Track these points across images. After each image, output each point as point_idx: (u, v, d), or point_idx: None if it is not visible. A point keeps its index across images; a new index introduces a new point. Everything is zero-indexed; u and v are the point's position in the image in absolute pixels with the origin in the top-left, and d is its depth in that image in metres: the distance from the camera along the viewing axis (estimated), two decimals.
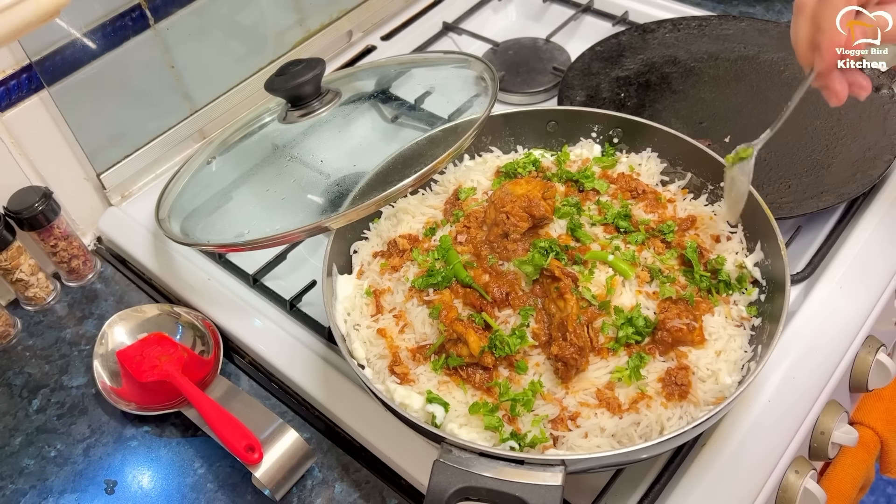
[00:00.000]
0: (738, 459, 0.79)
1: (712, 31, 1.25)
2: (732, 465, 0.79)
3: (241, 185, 0.99)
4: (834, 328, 0.89)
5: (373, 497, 0.83)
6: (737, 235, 0.86)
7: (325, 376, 0.91)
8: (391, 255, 0.89)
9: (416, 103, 1.06)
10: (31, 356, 1.01)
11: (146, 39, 1.08)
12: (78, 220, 1.13)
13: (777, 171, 1.02)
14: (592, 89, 1.18)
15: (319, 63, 0.96)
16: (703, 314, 0.79)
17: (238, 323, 0.98)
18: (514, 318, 0.78)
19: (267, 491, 0.82)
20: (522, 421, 0.73)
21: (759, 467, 0.79)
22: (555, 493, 0.64)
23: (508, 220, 0.83)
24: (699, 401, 0.73)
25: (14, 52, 0.97)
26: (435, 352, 0.79)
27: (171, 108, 1.16)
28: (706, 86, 1.17)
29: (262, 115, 1.07)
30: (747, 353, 0.77)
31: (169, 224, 0.97)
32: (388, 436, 0.84)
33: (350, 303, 0.86)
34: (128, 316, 1.00)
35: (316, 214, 0.90)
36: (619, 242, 0.84)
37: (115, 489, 0.87)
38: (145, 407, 0.92)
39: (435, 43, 1.38)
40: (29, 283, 1.04)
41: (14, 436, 0.93)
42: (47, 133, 1.04)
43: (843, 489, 1.03)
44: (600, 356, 0.76)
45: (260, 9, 1.21)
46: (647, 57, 1.23)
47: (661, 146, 0.94)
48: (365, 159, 0.93)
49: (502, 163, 0.97)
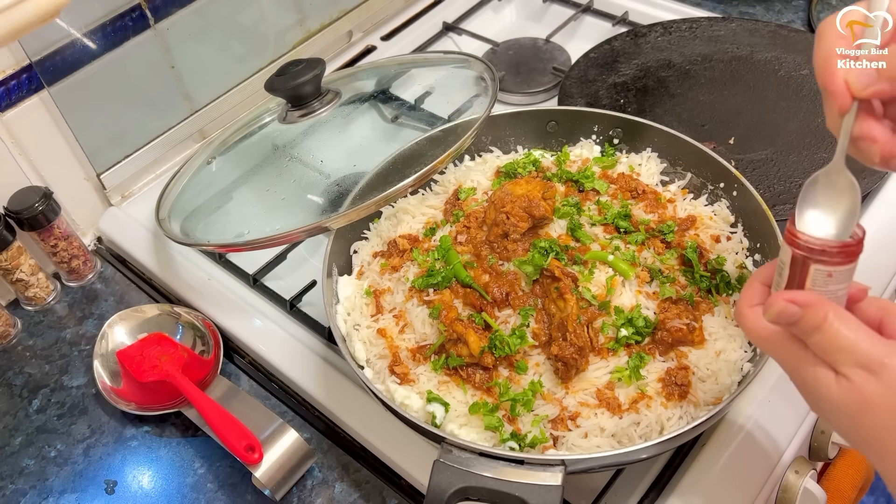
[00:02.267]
0: (737, 459, 0.79)
1: (703, 32, 1.26)
2: (732, 465, 0.79)
3: (241, 185, 0.99)
4: None
5: (373, 497, 0.83)
6: (737, 235, 0.86)
7: (325, 376, 0.91)
8: (391, 256, 0.89)
9: (416, 103, 1.06)
10: (31, 356, 1.02)
11: (146, 39, 1.08)
12: (78, 220, 1.13)
13: (785, 170, 1.03)
14: (591, 96, 1.18)
15: (319, 63, 0.96)
16: (703, 314, 0.79)
17: (238, 323, 0.98)
18: (514, 318, 0.79)
19: (267, 491, 0.82)
20: (522, 421, 0.73)
21: (758, 467, 0.79)
22: (555, 493, 0.64)
23: (508, 220, 0.83)
24: (699, 401, 0.73)
25: (14, 52, 0.97)
26: (435, 352, 0.79)
27: (171, 108, 1.16)
28: (703, 88, 1.17)
29: (262, 115, 1.07)
30: (747, 354, 0.77)
31: (169, 224, 0.97)
32: (388, 436, 0.84)
33: (350, 303, 0.86)
34: (128, 316, 1.00)
35: (316, 214, 0.90)
36: (619, 242, 0.84)
37: (115, 489, 0.87)
38: (145, 407, 0.92)
39: (435, 43, 1.38)
40: (29, 283, 1.04)
41: (14, 436, 0.93)
42: (47, 133, 1.04)
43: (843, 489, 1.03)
44: (600, 356, 0.76)
45: (260, 9, 1.21)
46: (641, 62, 1.23)
47: (661, 146, 0.94)
48: (365, 159, 0.93)
49: (502, 163, 0.97)
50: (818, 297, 0.52)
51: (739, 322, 0.58)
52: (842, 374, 0.51)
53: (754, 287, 0.59)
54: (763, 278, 0.59)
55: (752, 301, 0.58)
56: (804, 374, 0.54)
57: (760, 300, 0.57)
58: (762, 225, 0.83)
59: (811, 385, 0.53)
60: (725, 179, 0.89)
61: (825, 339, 0.51)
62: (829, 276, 0.51)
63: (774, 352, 0.56)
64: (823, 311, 0.51)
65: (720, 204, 0.90)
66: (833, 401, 0.52)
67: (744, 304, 0.58)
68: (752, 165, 1.04)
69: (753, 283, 0.59)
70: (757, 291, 0.58)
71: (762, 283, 0.59)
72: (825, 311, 0.51)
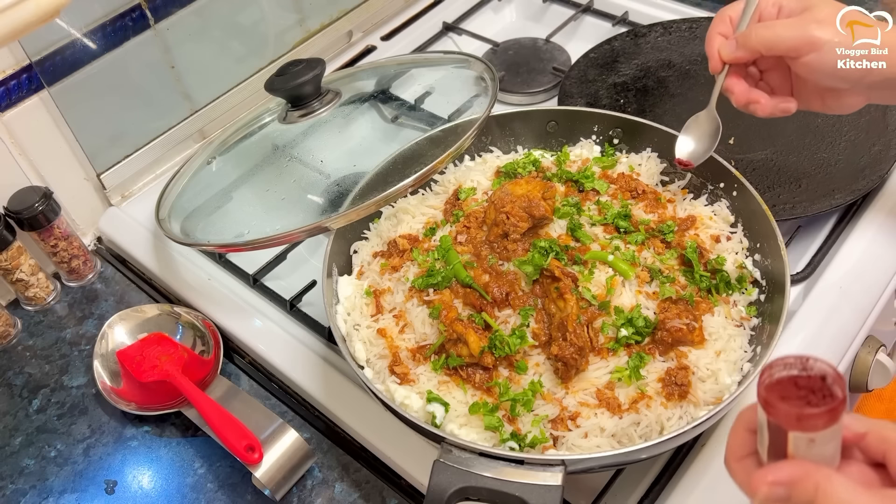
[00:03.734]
0: None
1: (702, 32, 1.25)
2: None
3: (241, 185, 0.99)
4: (834, 328, 0.89)
5: (373, 497, 0.83)
6: (737, 235, 0.87)
7: (325, 376, 0.91)
8: (391, 255, 0.89)
9: (416, 103, 1.06)
10: (31, 356, 1.02)
11: (146, 39, 1.08)
12: (78, 220, 1.13)
13: (785, 170, 1.03)
14: (591, 97, 1.18)
15: (319, 63, 0.96)
16: (703, 314, 0.79)
17: (238, 323, 0.98)
18: (514, 318, 0.78)
19: (267, 491, 0.82)
20: (522, 421, 0.73)
21: None
22: (555, 493, 0.64)
23: (508, 220, 0.83)
24: (699, 401, 0.73)
25: (14, 52, 0.97)
26: (435, 352, 0.79)
27: (171, 108, 1.16)
28: (703, 88, 1.17)
29: (262, 115, 1.07)
30: (747, 354, 0.77)
31: (169, 224, 0.97)
32: (388, 436, 0.84)
33: (350, 303, 0.86)
34: (128, 316, 1.00)
35: (316, 214, 0.90)
36: (619, 242, 0.84)
37: (115, 489, 0.87)
38: (145, 407, 0.92)
39: (435, 43, 1.38)
40: (29, 283, 1.04)
41: (14, 436, 0.93)
42: (47, 133, 1.04)
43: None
44: (600, 356, 0.76)
45: (260, 9, 1.21)
46: (641, 62, 1.23)
47: (661, 146, 0.94)
48: (365, 159, 0.93)
49: (502, 163, 0.97)
50: (803, 470, 0.47)
51: (729, 474, 0.54)
52: None
53: (739, 436, 0.54)
54: (747, 424, 0.53)
55: (739, 453, 0.53)
56: None
57: (748, 451, 0.53)
58: (762, 225, 0.83)
59: None
60: (725, 179, 0.89)
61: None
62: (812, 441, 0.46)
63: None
64: (812, 483, 0.47)
65: (720, 204, 0.90)
66: None
67: (731, 456, 0.54)
68: (752, 165, 1.04)
69: (738, 430, 0.54)
70: (743, 441, 0.53)
71: (747, 430, 0.53)
72: (814, 482, 0.47)
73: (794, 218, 0.96)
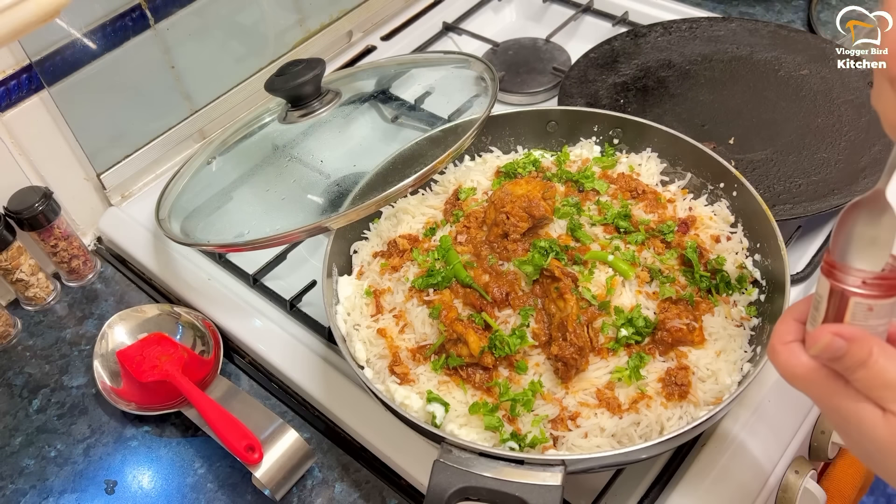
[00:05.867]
0: (737, 459, 0.79)
1: (703, 32, 1.26)
2: (732, 465, 0.79)
3: (241, 185, 0.99)
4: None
5: (373, 497, 0.83)
6: (737, 235, 0.86)
7: (325, 376, 0.91)
8: (391, 256, 0.89)
9: (416, 103, 1.06)
10: (31, 356, 1.02)
11: (146, 39, 1.08)
12: (78, 220, 1.13)
13: (785, 170, 1.03)
14: (591, 97, 1.18)
15: (319, 63, 0.96)
16: (703, 314, 0.79)
17: (238, 323, 0.98)
18: (514, 318, 0.78)
19: (267, 491, 0.82)
20: (522, 421, 0.73)
21: (758, 467, 0.79)
22: (555, 493, 0.64)
23: (508, 220, 0.83)
24: (699, 401, 0.73)
25: (14, 52, 0.97)
26: (435, 352, 0.79)
27: (171, 109, 1.16)
28: (703, 88, 1.17)
29: (262, 116, 1.07)
30: (747, 354, 0.77)
31: (169, 224, 0.97)
32: (388, 436, 0.84)
33: (350, 303, 0.86)
34: (128, 316, 1.00)
35: (316, 214, 0.90)
36: (619, 242, 0.84)
37: (115, 489, 0.87)
38: (145, 407, 0.92)
39: (435, 43, 1.38)
40: (29, 283, 1.04)
41: (14, 436, 0.93)
42: (47, 133, 1.04)
43: (843, 489, 1.04)
44: (600, 356, 0.76)
45: (260, 9, 1.21)
46: (641, 62, 1.24)
47: (661, 146, 0.94)
48: (365, 159, 0.93)
49: (502, 163, 0.97)
50: (862, 332, 0.49)
51: (772, 359, 0.55)
52: (889, 411, 0.48)
53: (788, 323, 0.55)
54: (797, 314, 0.55)
55: (786, 337, 0.54)
56: (846, 413, 0.50)
57: (795, 337, 0.54)
58: (762, 225, 0.83)
59: (854, 424, 0.50)
60: (725, 179, 0.89)
61: (871, 375, 0.48)
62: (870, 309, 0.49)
63: (812, 390, 0.52)
64: (868, 346, 0.48)
65: (720, 204, 0.90)
66: (880, 440, 0.48)
67: (777, 340, 0.54)
68: (752, 165, 1.04)
69: (787, 319, 0.55)
70: (791, 328, 0.54)
71: (796, 320, 0.55)
72: (870, 345, 0.48)
73: (794, 218, 0.96)
